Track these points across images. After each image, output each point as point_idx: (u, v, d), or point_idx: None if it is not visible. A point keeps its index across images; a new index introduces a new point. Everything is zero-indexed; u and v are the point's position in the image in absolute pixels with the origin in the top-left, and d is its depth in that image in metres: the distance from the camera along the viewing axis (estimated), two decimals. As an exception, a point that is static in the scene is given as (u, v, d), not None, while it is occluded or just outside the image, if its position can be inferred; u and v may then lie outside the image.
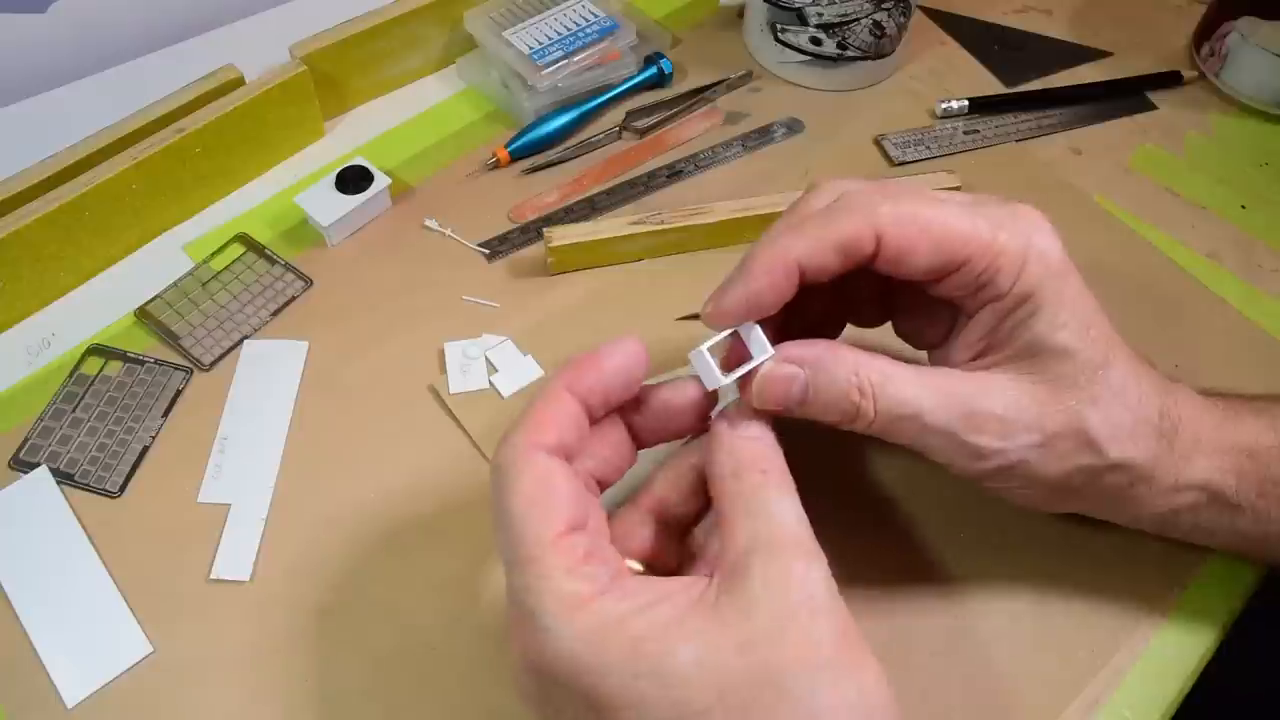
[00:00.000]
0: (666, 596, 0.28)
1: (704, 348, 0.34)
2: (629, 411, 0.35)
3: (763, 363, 0.34)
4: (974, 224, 0.33)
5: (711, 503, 0.33)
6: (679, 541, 0.34)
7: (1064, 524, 0.42)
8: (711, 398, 0.35)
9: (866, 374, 0.33)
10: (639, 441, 0.35)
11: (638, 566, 0.32)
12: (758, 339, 0.34)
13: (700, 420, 0.35)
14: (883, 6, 0.56)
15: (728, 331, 0.34)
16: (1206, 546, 0.40)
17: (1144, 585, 0.41)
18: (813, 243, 0.33)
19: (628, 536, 0.33)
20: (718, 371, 0.34)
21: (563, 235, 0.50)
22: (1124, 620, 0.40)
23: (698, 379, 0.35)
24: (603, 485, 0.34)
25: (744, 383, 0.34)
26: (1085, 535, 0.42)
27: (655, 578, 0.30)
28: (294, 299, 0.50)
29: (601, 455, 0.34)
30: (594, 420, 0.33)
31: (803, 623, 0.27)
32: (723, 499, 0.31)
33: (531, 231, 0.52)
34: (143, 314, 0.49)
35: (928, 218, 0.33)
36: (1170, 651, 0.39)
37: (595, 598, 0.28)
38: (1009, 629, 0.40)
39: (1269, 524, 0.36)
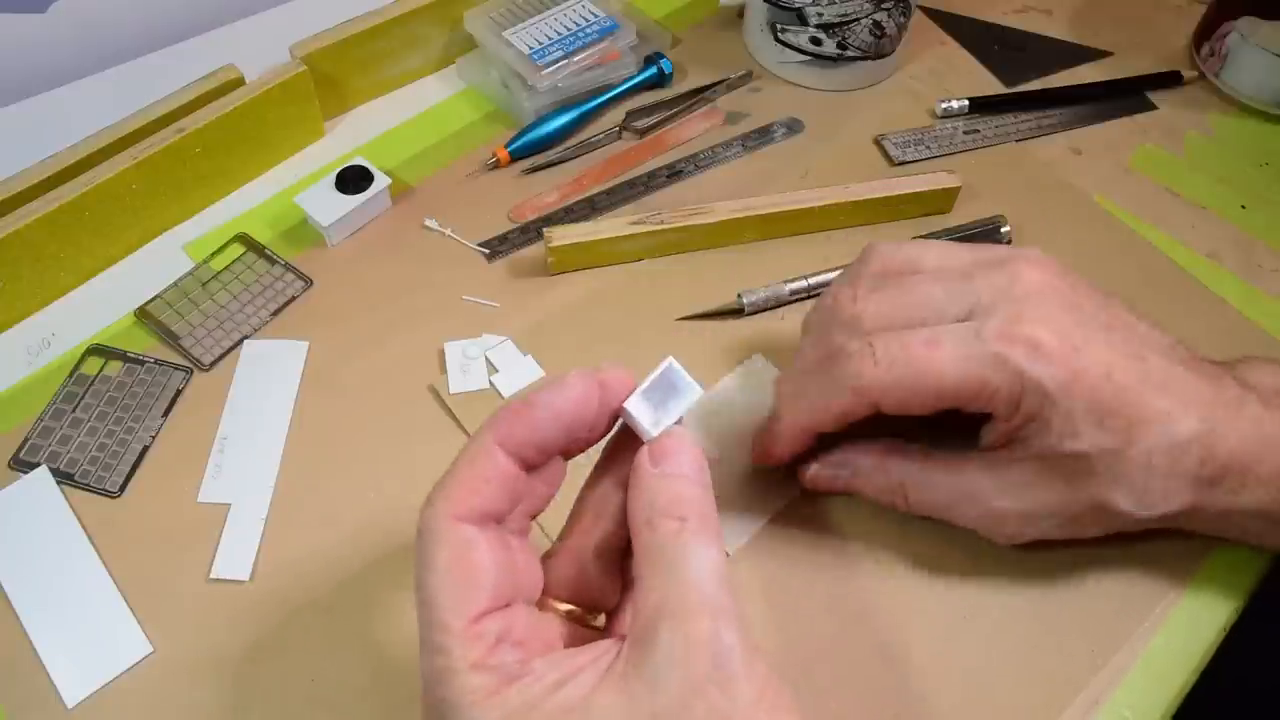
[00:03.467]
0: (574, 674, 0.27)
1: (629, 403, 0.30)
2: None
3: (696, 399, 0.30)
4: (964, 374, 0.34)
5: None
6: (614, 573, 0.32)
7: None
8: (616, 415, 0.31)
9: (900, 479, 0.39)
10: (568, 455, 0.31)
11: (563, 608, 0.30)
12: (682, 378, 0.31)
13: (609, 422, 0.31)
14: (883, 6, 0.56)
15: (651, 376, 0.30)
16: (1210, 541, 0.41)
17: (1144, 585, 0.41)
18: (817, 415, 0.38)
19: (561, 581, 0.31)
20: (651, 423, 0.30)
21: (563, 235, 0.50)
22: (1124, 619, 0.40)
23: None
24: (535, 515, 0.31)
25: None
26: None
27: (566, 652, 0.28)
28: (294, 299, 0.50)
29: (534, 492, 0.31)
30: (533, 469, 0.30)
31: (711, 695, 0.25)
32: (638, 550, 0.29)
33: (531, 231, 0.52)
34: (143, 314, 0.49)
35: (914, 380, 0.35)
36: (1171, 650, 0.39)
37: (500, 690, 0.26)
38: (1009, 628, 0.40)
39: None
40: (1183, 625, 0.40)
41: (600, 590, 0.31)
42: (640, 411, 0.30)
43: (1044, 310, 0.35)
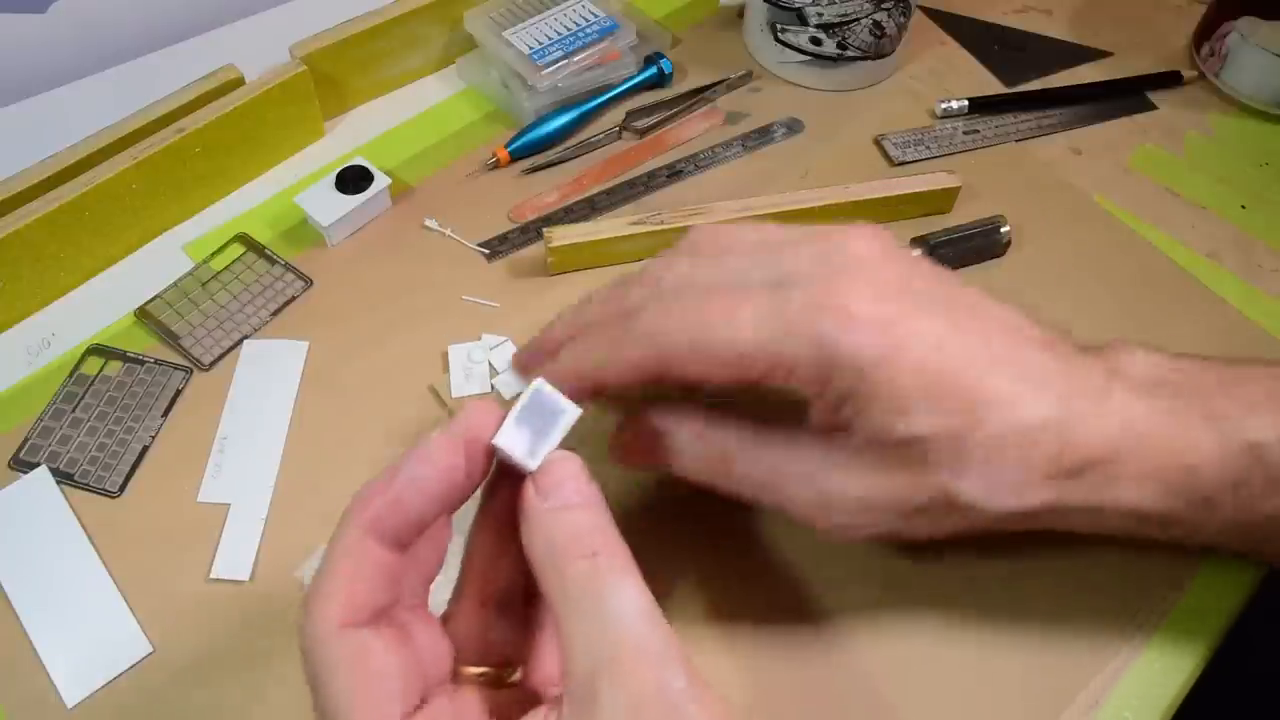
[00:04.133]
0: None
1: (499, 439, 0.28)
2: None
3: (575, 418, 0.29)
4: (762, 341, 0.30)
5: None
6: (519, 621, 0.30)
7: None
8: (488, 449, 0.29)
9: (722, 449, 0.33)
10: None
11: (475, 672, 0.29)
12: (550, 399, 0.29)
13: (485, 465, 0.29)
14: (883, 6, 0.56)
15: (518, 405, 0.29)
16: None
17: (1144, 585, 0.41)
18: (612, 367, 0.32)
19: (467, 641, 0.29)
20: (528, 456, 0.28)
21: (563, 235, 0.50)
22: (1124, 620, 0.40)
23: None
24: (430, 580, 0.29)
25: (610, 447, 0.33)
26: (1084, 535, 0.42)
27: None
28: (294, 299, 0.50)
29: (421, 562, 0.29)
30: (408, 547, 0.28)
31: None
32: (550, 594, 0.26)
33: (531, 231, 0.52)
34: (143, 314, 0.49)
35: (710, 340, 0.30)
36: (1170, 652, 0.39)
37: None
38: (1008, 629, 0.39)
39: (1200, 534, 0.34)
40: (1183, 625, 0.40)
41: (509, 644, 0.29)
42: (515, 444, 0.28)
43: (864, 280, 0.30)
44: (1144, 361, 0.34)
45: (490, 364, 0.47)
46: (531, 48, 0.57)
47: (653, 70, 0.59)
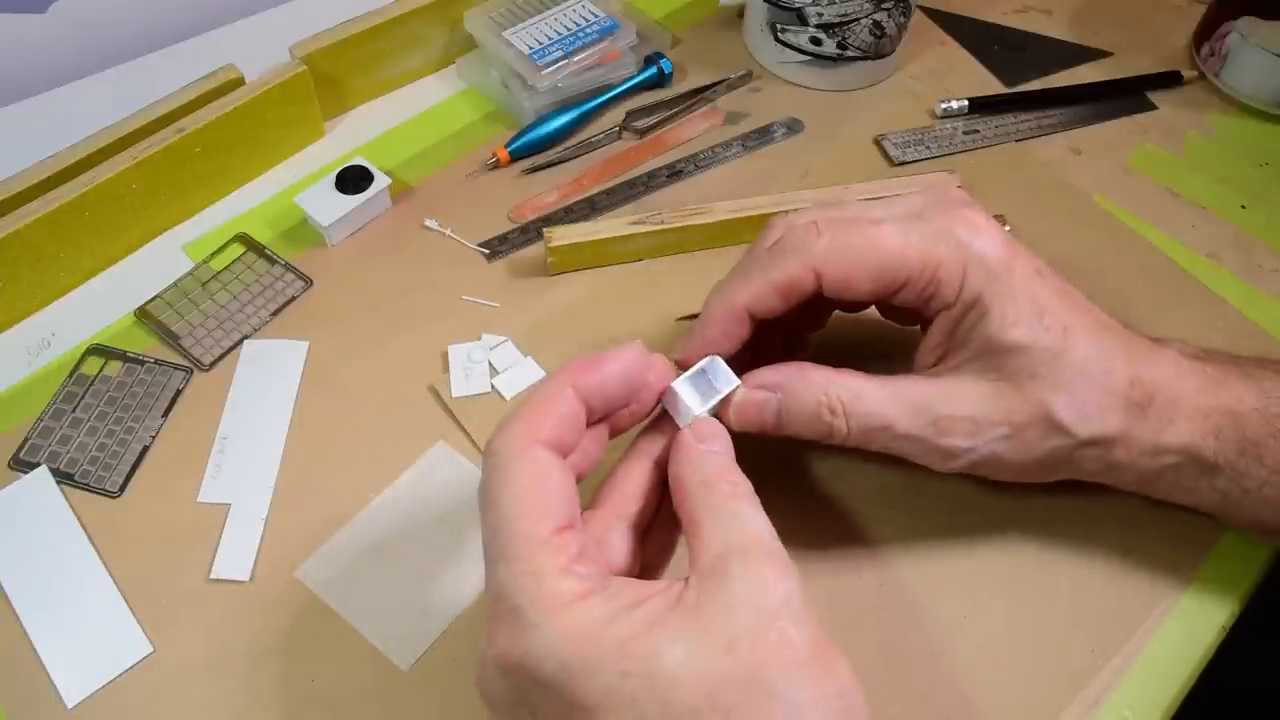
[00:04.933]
0: (649, 597, 0.28)
1: (676, 385, 0.35)
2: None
3: (733, 390, 0.36)
4: (907, 246, 0.35)
5: (666, 505, 0.34)
6: (640, 545, 0.34)
7: (1063, 524, 0.42)
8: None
9: (836, 393, 0.35)
10: (613, 430, 0.35)
11: None
12: (723, 372, 0.36)
13: (652, 401, 0.35)
14: (883, 6, 0.56)
15: (696, 367, 0.36)
16: (1212, 528, 0.41)
17: (1144, 585, 0.41)
18: (756, 289, 0.37)
19: (598, 543, 0.32)
20: (693, 406, 0.34)
21: (563, 235, 0.50)
22: (1124, 619, 0.40)
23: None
24: (579, 479, 0.33)
25: (720, 412, 0.36)
26: (1085, 535, 0.42)
27: (635, 580, 0.30)
28: (294, 299, 0.50)
29: (585, 451, 0.33)
30: (590, 422, 0.33)
31: (783, 625, 0.27)
32: (694, 506, 0.31)
33: (531, 231, 0.52)
34: (143, 314, 0.49)
35: (861, 248, 0.36)
36: (1171, 650, 0.39)
37: (585, 596, 0.28)
38: (1009, 629, 0.40)
39: (1247, 481, 0.37)
40: (1183, 625, 0.40)
41: (626, 559, 0.32)
42: (686, 395, 0.34)
43: (976, 208, 0.37)
44: (1180, 343, 0.39)
45: (490, 364, 0.47)
46: (531, 48, 0.57)
47: (653, 70, 0.59)
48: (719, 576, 0.28)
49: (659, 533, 0.35)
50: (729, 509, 0.30)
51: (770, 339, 0.40)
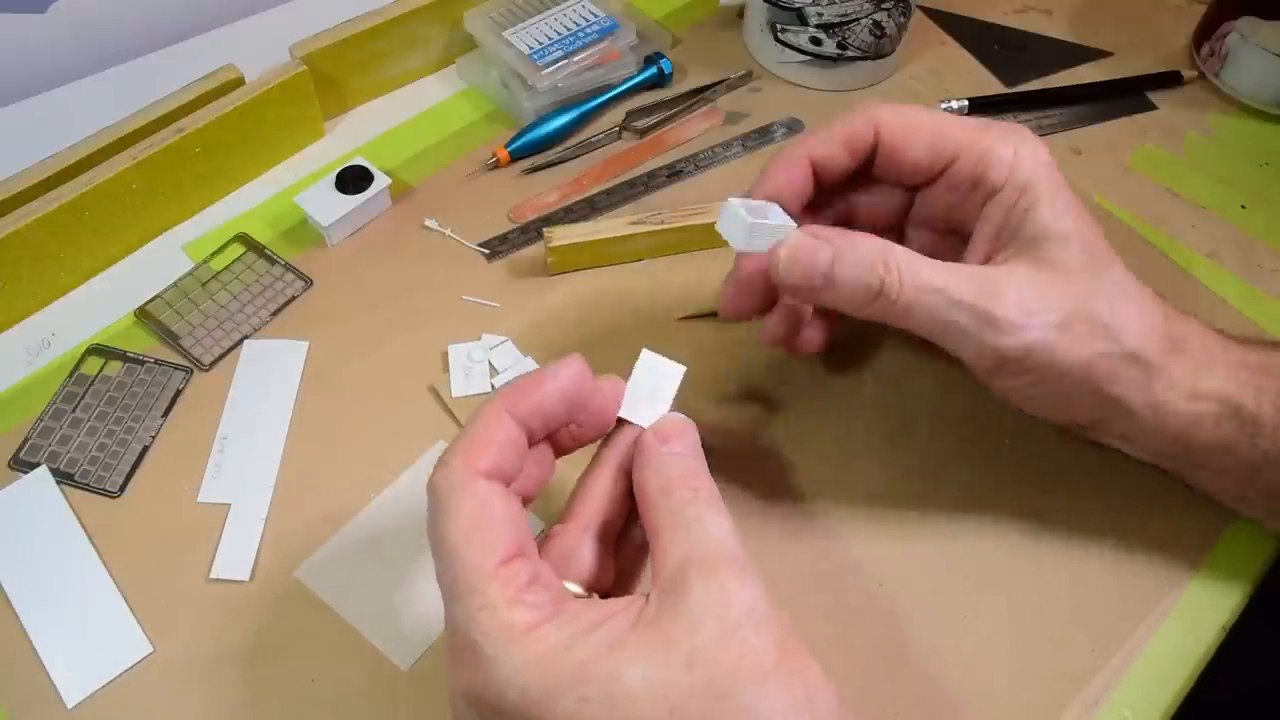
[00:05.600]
0: (608, 618, 0.28)
1: (734, 199, 0.35)
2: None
3: (790, 229, 0.35)
4: (963, 124, 0.37)
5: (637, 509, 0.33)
6: (611, 555, 0.33)
7: (1063, 524, 0.42)
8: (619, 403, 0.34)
9: (892, 250, 0.35)
10: (558, 450, 0.34)
11: (577, 589, 0.31)
12: (779, 213, 0.36)
13: (610, 419, 0.34)
14: (883, 6, 0.56)
15: (759, 202, 0.36)
16: (1212, 526, 0.41)
17: (1144, 584, 0.41)
18: (821, 139, 0.38)
19: (566, 558, 0.32)
20: (748, 217, 0.34)
21: (563, 235, 0.50)
22: (1124, 619, 0.40)
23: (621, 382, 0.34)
24: (526, 502, 0.32)
25: (769, 259, 0.35)
26: (1085, 535, 0.42)
27: (596, 600, 0.30)
28: (294, 299, 0.50)
29: (529, 474, 0.33)
30: (532, 443, 0.32)
31: (745, 635, 0.27)
32: (654, 515, 0.30)
33: (531, 231, 0.52)
34: (143, 314, 0.49)
35: (921, 116, 0.37)
36: (1171, 650, 0.39)
37: (539, 625, 0.27)
38: (1009, 628, 0.40)
39: None
40: (1183, 625, 0.40)
41: (597, 571, 0.32)
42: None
43: (1035, 138, 0.38)
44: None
45: (490, 364, 0.47)
46: (531, 48, 0.57)
47: (653, 70, 0.59)
48: (678, 590, 0.28)
49: (631, 540, 0.34)
50: (687, 516, 0.30)
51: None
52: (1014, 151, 0.36)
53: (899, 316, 0.35)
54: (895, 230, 0.42)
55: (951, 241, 0.40)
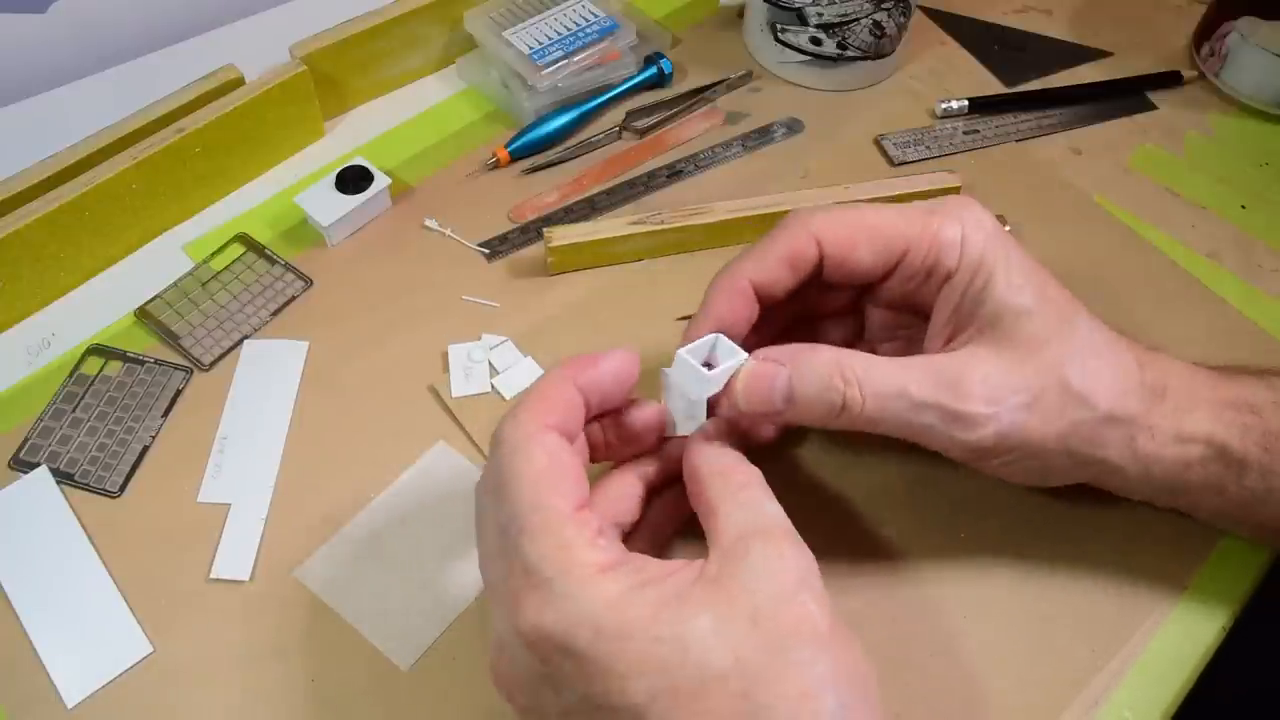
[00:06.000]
0: (672, 572, 0.29)
1: (684, 350, 0.35)
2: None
3: (741, 362, 0.35)
4: (905, 216, 0.36)
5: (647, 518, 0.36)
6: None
7: (1064, 525, 0.42)
8: (665, 421, 0.36)
9: (849, 363, 0.34)
10: (590, 455, 0.36)
11: None
12: (727, 346, 0.36)
13: (656, 442, 0.37)
14: (883, 6, 0.56)
15: (705, 338, 0.36)
16: (1212, 528, 0.41)
17: (1144, 585, 0.41)
18: (760, 260, 0.37)
19: None
20: (703, 371, 0.35)
21: (563, 235, 0.50)
22: (1124, 620, 0.40)
23: (658, 403, 0.36)
24: None
25: (725, 392, 0.35)
26: (1085, 536, 0.42)
27: (653, 558, 0.30)
28: (294, 299, 0.50)
29: (581, 450, 0.35)
30: (585, 419, 0.34)
31: (803, 600, 0.29)
32: (711, 494, 0.32)
33: (531, 231, 0.52)
34: (143, 314, 0.49)
35: (861, 217, 0.37)
36: (1170, 650, 0.39)
37: (613, 567, 0.29)
38: (1009, 629, 0.40)
39: (1274, 480, 0.36)
40: (1182, 625, 0.40)
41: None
42: (693, 361, 0.35)
43: (976, 205, 0.37)
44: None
45: (490, 364, 0.47)
46: (531, 48, 0.57)
47: (653, 70, 0.59)
48: (740, 554, 0.29)
49: (638, 544, 0.35)
50: (745, 495, 0.32)
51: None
52: (961, 231, 0.36)
53: (867, 425, 0.35)
54: (854, 314, 0.42)
55: (910, 317, 0.40)
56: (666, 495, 0.37)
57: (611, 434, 0.36)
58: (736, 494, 0.32)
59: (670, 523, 0.38)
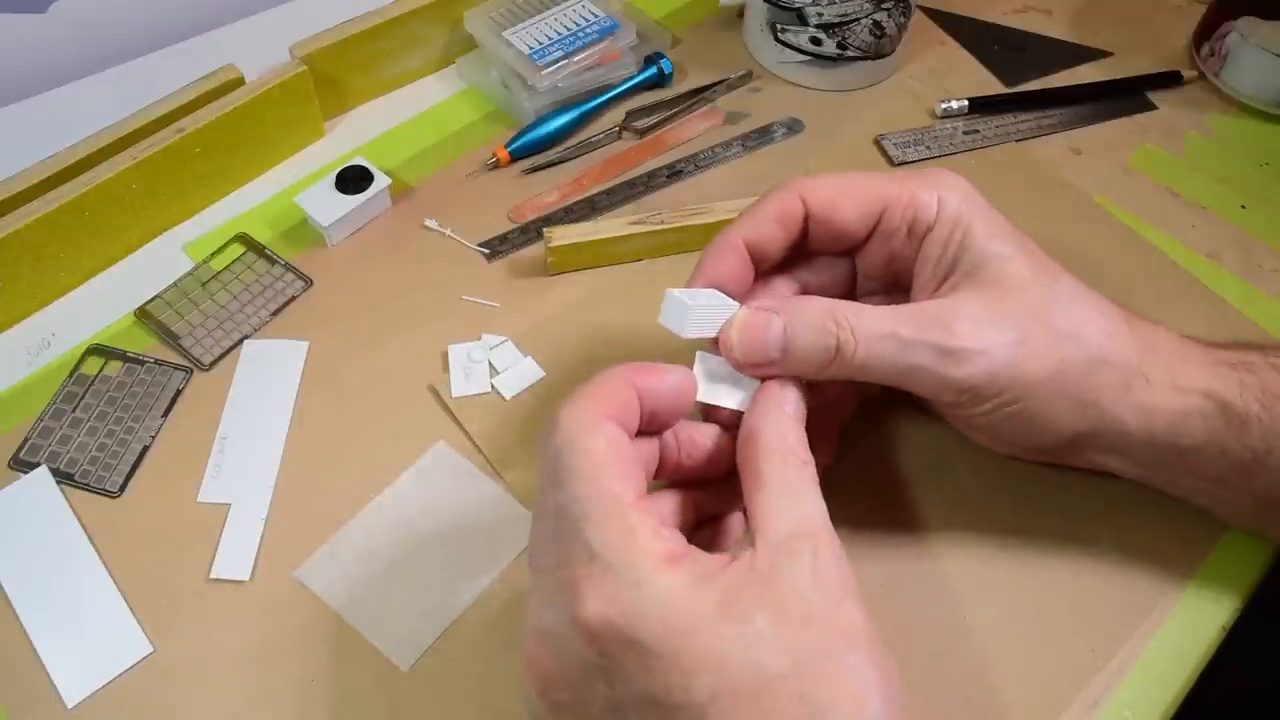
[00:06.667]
0: (725, 565, 0.29)
1: (673, 290, 0.34)
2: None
3: (735, 311, 0.35)
4: (886, 179, 0.38)
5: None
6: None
7: (1064, 524, 0.42)
8: (731, 440, 0.35)
9: (839, 308, 0.35)
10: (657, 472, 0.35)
11: None
12: (722, 298, 0.36)
13: (715, 466, 0.35)
14: (883, 6, 0.56)
15: (699, 290, 0.36)
16: (1213, 528, 0.41)
17: (1144, 585, 0.41)
18: (751, 219, 0.38)
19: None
20: (688, 302, 0.34)
21: (563, 235, 0.50)
22: (1124, 619, 0.40)
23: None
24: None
25: (721, 341, 0.35)
26: (1085, 535, 0.42)
27: (705, 552, 0.30)
28: (294, 299, 0.50)
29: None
30: (637, 432, 0.33)
31: (849, 608, 0.29)
32: (765, 472, 0.31)
33: (531, 231, 0.52)
34: (143, 314, 0.49)
35: (843, 179, 0.38)
36: (1171, 650, 0.39)
37: (679, 559, 0.28)
38: (1009, 629, 0.39)
39: (1275, 439, 0.36)
40: (1182, 625, 0.40)
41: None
42: (684, 300, 0.34)
43: (954, 175, 0.38)
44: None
45: (490, 364, 0.47)
46: (531, 48, 0.57)
47: (653, 70, 0.59)
48: (790, 554, 0.29)
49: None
50: (800, 488, 0.31)
51: None
52: (937, 190, 0.37)
53: (858, 371, 0.35)
54: (849, 296, 0.41)
55: (901, 298, 0.39)
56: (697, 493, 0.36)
57: (685, 451, 0.35)
58: (792, 482, 0.31)
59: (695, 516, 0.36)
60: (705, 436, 0.35)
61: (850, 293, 0.41)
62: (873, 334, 0.34)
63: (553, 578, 0.29)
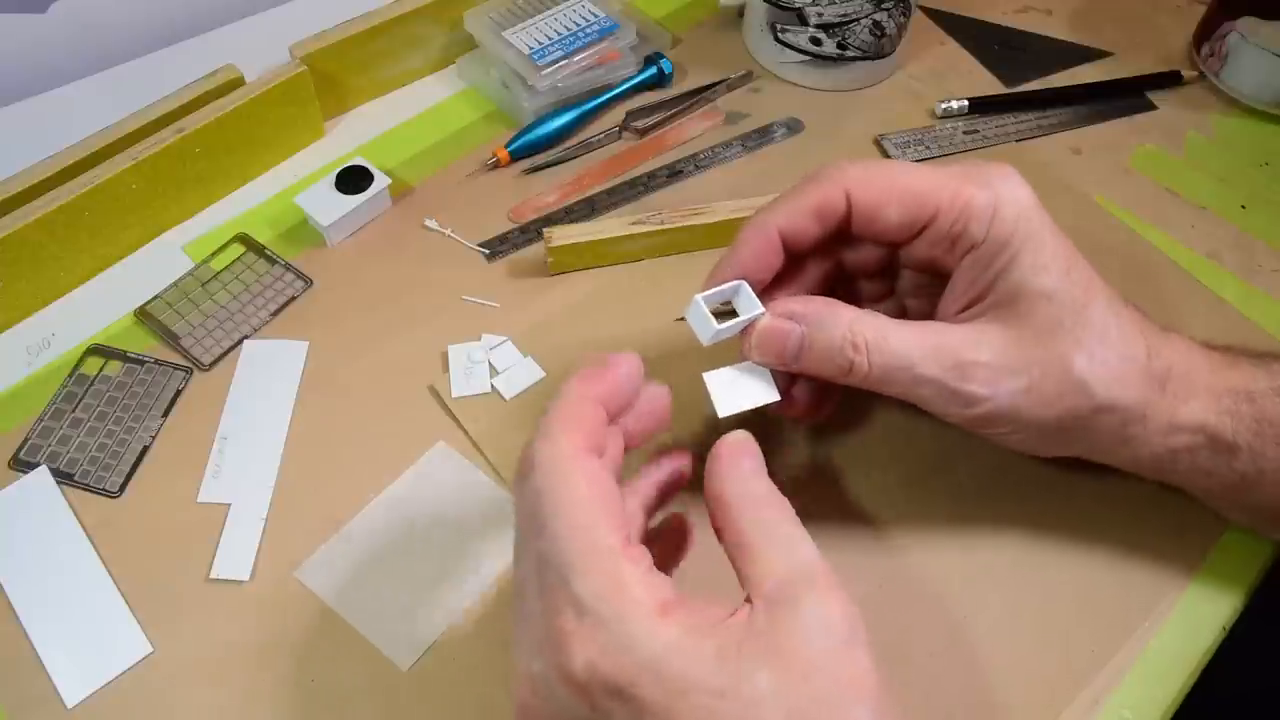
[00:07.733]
0: (721, 619, 0.28)
1: (700, 297, 0.35)
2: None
3: (756, 317, 0.35)
4: (939, 179, 0.36)
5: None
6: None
7: (1064, 523, 0.42)
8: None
9: (861, 330, 0.35)
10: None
11: None
12: (748, 297, 0.36)
13: (670, 422, 0.35)
14: (883, 6, 0.56)
15: (723, 286, 0.36)
16: (1214, 527, 0.41)
17: (1144, 585, 0.41)
18: (789, 209, 0.37)
19: None
20: (713, 321, 0.35)
21: (563, 235, 0.50)
22: (1124, 619, 0.40)
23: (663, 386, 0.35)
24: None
25: (742, 337, 0.36)
26: (1086, 535, 0.42)
27: (698, 600, 0.29)
28: (294, 299, 0.50)
29: (611, 456, 0.33)
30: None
31: (854, 655, 0.28)
32: (745, 529, 0.30)
33: (531, 231, 0.52)
34: (143, 314, 0.49)
35: (894, 175, 0.36)
36: (1171, 650, 0.39)
37: (670, 611, 0.27)
38: (1009, 629, 0.40)
39: (1264, 462, 0.36)
40: (1183, 625, 0.40)
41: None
42: (706, 308, 0.35)
43: (1015, 176, 0.36)
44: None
45: (490, 364, 0.47)
46: (531, 48, 0.57)
47: (653, 70, 0.59)
48: (787, 604, 0.28)
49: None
50: (783, 534, 0.30)
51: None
52: (995, 199, 0.35)
53: (873, 388, 0.36)
54: (888, 268, 0.41)
55: (934, 279, 0.39)
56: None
57: (631, 424, 0.34)
58: (773, 532, 0.30)
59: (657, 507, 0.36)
60: (657, 395, 0.35)
61: (888, 271, 0.41)
62: (889, 364, 0.35)
63: (539, 626, 0.28)
